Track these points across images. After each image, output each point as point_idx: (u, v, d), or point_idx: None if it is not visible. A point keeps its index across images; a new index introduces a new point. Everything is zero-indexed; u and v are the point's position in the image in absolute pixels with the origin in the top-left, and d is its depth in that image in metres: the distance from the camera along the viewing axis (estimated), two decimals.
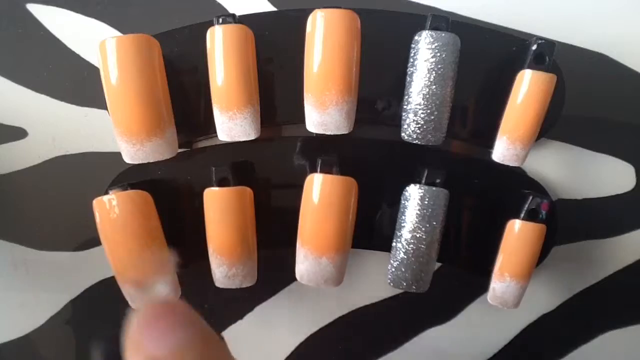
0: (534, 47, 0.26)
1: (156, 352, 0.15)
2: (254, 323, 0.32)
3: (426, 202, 0.26)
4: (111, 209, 0.25)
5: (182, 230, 0.28)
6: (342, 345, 0.32)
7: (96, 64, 0.30)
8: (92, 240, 0.31)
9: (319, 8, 0.25)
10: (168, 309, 0.16)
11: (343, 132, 0.26)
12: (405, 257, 0.26)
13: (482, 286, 0.30)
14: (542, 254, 0.27)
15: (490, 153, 0.27)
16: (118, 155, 0.26)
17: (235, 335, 0.32)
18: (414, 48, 0.25)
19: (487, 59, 0.28)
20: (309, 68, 0.25)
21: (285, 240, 0.27)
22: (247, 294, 0.28)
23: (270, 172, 0.29)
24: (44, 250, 0.31)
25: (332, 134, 0.26)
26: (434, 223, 0.26)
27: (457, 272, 0.31)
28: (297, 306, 0.32)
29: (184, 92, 0.28)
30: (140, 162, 0.25)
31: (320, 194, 0.25)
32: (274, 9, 0.30)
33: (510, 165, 0.27)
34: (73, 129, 0.30)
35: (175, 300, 0.18)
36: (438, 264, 0.30)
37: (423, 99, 0.25)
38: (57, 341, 0.32)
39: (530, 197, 0.27)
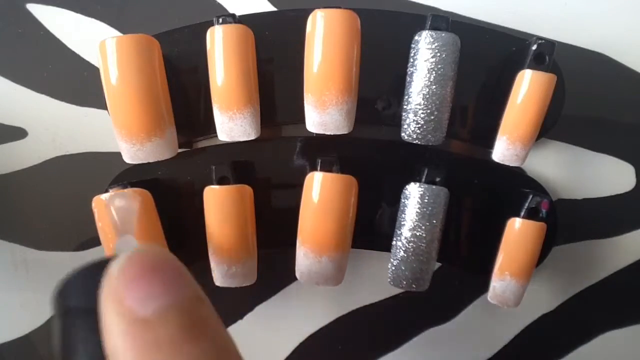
0: (534, 47, 0.26)
1: (140, 313, 0.13)
2: (254, 323, 0.32)
3: (426, 201, 0.26)
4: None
5: (182, 230, 0.28)
6: (342, 345, 0.32)
7: (96, 64, 0.30)
8: (92, 240, 0.30)
9: (319, 8, 0.25)
10: (159, 266, 0.14)
11: (343, 132, 0.26)
12: (405, 255, 0.26)
13: (482, 286, 0.29)
14: (542, 254, 0.27)
15: (490, 153, 0.27)
16: (118, 155, 0.26)
17: (235, 335, 0.31)
18: (414, 48, 0.25)
19: (487, 59, 0.28)
20: (309, 68, 0.25)
21: (285, 239, 0.27)
22: (247, 293, 0.28)
23: (270, 172, 0.29)
24: (44, 250, 0.31)
25: (332, 134, 0.26)
26: (434, 221, 0.26)
27: (457, 272, 0.31)
28: (297, 306, 0.32)
29: (184, 92, 0.28)
30: (140, 162, 0.25)
31: (320, 192, 0.25)
32: (274, 9, 0.30)
33: (510, 165, 0.27)
34: (73, 129, 0.30)
35: (167, 255, 0.14)
36: (438, 264, 0.30)
37: (423, 99, 0.25)
38: None
39: (531, 196, 0.27)
